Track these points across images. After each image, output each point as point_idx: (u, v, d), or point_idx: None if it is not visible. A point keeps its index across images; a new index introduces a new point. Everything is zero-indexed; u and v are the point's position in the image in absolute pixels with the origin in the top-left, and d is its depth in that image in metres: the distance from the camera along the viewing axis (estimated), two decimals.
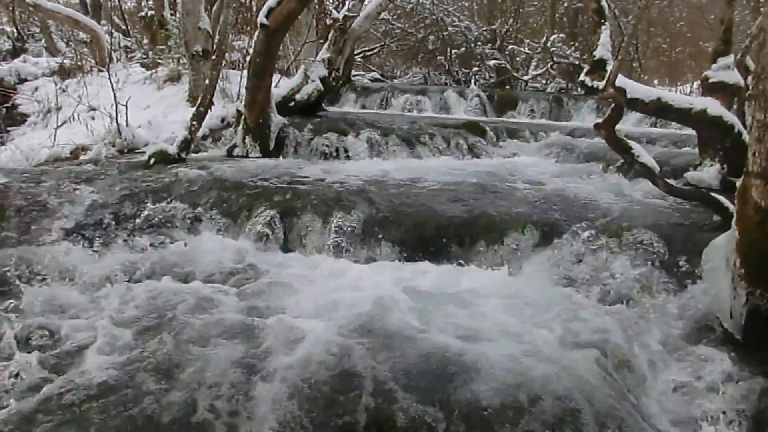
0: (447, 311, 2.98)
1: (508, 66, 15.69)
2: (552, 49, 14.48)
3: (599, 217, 4.20)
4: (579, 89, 13.90)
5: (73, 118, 8.88)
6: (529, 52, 15.83)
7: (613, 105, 4.39)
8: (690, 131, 6.12)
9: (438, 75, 17.65)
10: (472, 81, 15.30)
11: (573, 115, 11.85)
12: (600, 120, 4.48)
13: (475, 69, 16.50)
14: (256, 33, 6.36)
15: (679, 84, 17.14)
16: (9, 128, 10.41)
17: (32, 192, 4.67)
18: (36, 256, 3.68)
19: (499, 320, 2.89)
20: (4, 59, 14.42)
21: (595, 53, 5.22)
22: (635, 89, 4.92)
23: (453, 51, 16.88)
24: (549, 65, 15.21)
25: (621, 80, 4.67)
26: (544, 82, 16.37)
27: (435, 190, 4.90)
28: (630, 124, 10.14)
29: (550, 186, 5.23)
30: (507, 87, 15.47)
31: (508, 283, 3.53)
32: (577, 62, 14.34)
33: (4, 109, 11.32)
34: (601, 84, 4.84)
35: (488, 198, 4.75)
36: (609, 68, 4.87)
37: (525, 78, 15.80)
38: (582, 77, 5.35)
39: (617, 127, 4.40)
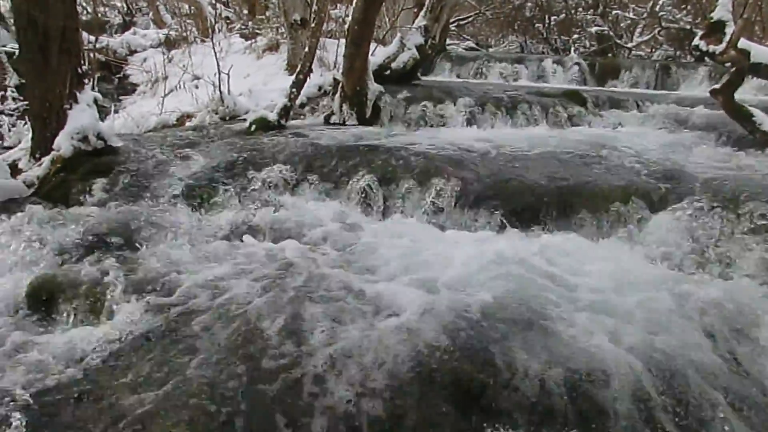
0: (549, 281, 2.90)
1: (610, 33, 14.95)
2: (660, 13, 13.63)
3: (712, 189, 3.95)
4: (690, 56, 13.14)
5: (179, 87, 9.29)
6: (634, 17, 14.99)
7: (733, 69, 4.11)
8: None
9: (535, 43, 17.07)
10: (572, 49, 14.71)
11: (681, 84, 11.15)
12: (717, 86, 4.21)
13: (575, 36, 15.83)
14: (355, 0, 6.36)
15: None
16: (121, 97, 11.02)
17: (144, 156, 4.94)
18: (148, 215, 3.88)
19: (604, 291, 2.79)
20: (116, 32, 15.20)
21: (712, 14, 4.88)
22: (760, 52, 4.56)
23: (552, 18, 16.26)
24: (656, 31, 14.36)
25: (743, 43, 4.36)
26: (649, 50, 15.50)
27: (533, 159, 4.77)
28: (743, 93, 9.43)
29: (657, 156, 4.96)
30: (609, 55, 14.77)
31: (613, 254, 3.40)
32: (688, 27, 13.44)
33: (117, 80, 12.00)
34: (719, 48, 4.54)
35: (590, 167, 4.58)
36: (728, 30, 4.55)
37: (629, 45, 15.01)
38: (696, 41, 5.02)
39: None
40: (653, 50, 15.38)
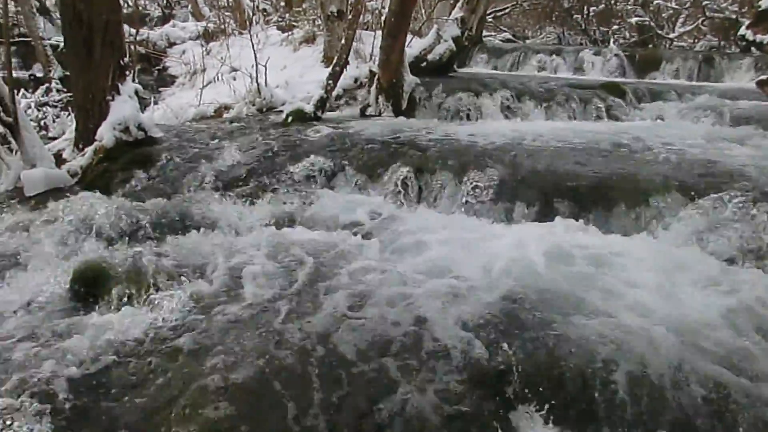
0: (588, 274, 2.87)
1: (651, 23, 14.62)
2: (704, 2, 13.26)
3: (755, 183, 3.85)
4: (735, 46, 12.78)
5: (217, 79, 9.41)
6: (676, 7, 14.62)
7: None
8: None
9: (573, 35, 16.79)
10: (611, 40, 14.43)
11: (726, 75, 10.81)
12: (764, 76, 4.10)
13: (615, 27, 15.54)
14: None
15: None
16: (160, 89, 11.21)
17: (183, 146, 5.03)
18: (186, 205, 3.96)
19: (646, 284, 2.75)
20: (156, 25, 15.47)
21: (760, 3, 4.75)
22: None
23: (591, 9, 15.97)
24: (699, 21, 14.00)
25: None
26: (691, 40, 15.11)
27: (571, 152, 4.71)
28: None
29: (697, 150, 4.84)
30: (650, 46, 14.45)
31: (650, 247, 3.35)
32: (733, 16, 13.05)
33: (156, 72, 12.22)
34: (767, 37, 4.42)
35: (628, 160, 4.50)
36: None
37: (670, 36, 14.66)
38: (742, 31, 4.90)
39: None
40: (696, 41, 15.00)
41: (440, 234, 3.39)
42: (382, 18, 6.68)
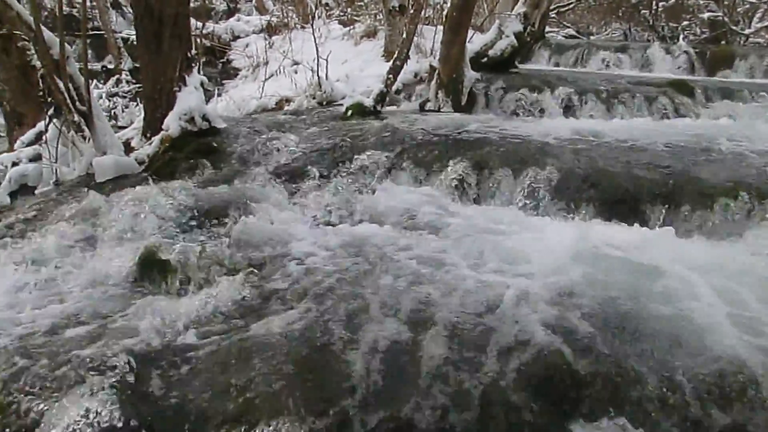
0: (650, 276, 2.79)
1: (725, 19, 14.02)
2: None
3: None
4: None
5: (279, 72, 9.58)
6: (754, 1, 13.98)
7: None
8: None
9: (640, 31, 16.27)
10: (681, 36, 13.92)
11: None
12: None
13: (685, 23, 14.97)
14: None
15: None
16: (224, 81, 11.50)
17: (245, 138, 5.15)
18: (247, 194, 4.05)
19: (710, 290, 2.65)
20: (221, 19, 15.85)
21: None
22: None
23: (660, 4, 15.44)
24: None
25: None
26: None
27: (635, 151, 4.59)
28: None
29: None
30: (722, 43, 13.87)
31: (719, 250, 3.23)
32: None
33: (220, 64, 12.52)
34: None
35: (695, 161, 4.35)
36: None
37: (746, 32, 14.02)
38: None
39: None
40: None
41: (500, 230, 3.36)
42: (444, 13, 6.65)
